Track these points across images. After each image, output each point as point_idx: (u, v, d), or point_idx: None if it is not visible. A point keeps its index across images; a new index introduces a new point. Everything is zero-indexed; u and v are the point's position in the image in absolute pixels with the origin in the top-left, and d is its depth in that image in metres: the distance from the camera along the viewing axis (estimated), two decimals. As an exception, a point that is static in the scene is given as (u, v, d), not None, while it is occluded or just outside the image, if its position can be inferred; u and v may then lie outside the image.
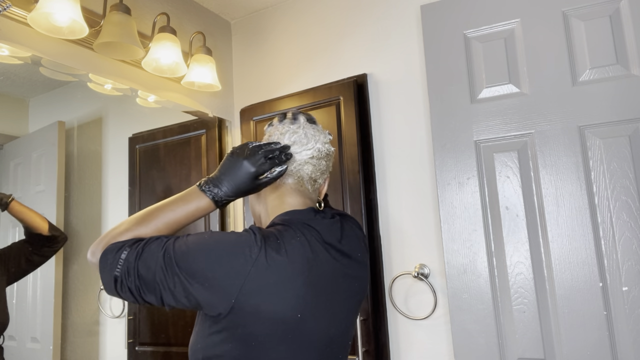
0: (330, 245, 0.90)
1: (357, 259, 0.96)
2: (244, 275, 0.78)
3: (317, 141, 0.98)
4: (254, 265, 0.78)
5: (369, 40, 1.80)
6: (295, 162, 0.95)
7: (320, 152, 0.98)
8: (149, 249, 0.80)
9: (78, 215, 1.56)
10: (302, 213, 0.94)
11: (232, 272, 0.78)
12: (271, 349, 0.81)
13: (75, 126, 1.59)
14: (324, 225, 0.92)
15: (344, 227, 0.96)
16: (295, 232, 0.87)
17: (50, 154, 1.51)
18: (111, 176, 1.70)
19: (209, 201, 0.89)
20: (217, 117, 2.02)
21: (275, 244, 0.82)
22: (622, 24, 1.27)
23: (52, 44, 1.43)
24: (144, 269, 0.79)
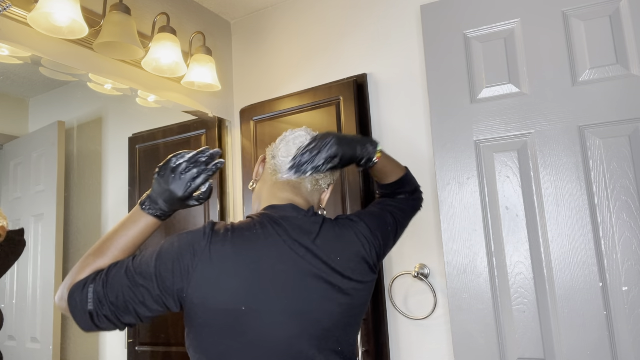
0: (297, 242, 0.89)
1: (341, 271, 0.92)
2: (192, 269, 0.82)
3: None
4: (200, 259, 0.83)
5: (369, 40, 1.79)
6: None
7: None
8: (112, 274, 0.83)
9: (78, 215, 1.56)
10: (280, 208, 0.95)
11: (179, 268, 0.82)
12: (220, 341, 0.84)
13: (75, 126, 1.59)
14: (297, 222, 0.92)
15: (324, 229, 0.95)
16: (254, 226, 0.88)
17: (50, 154, 1.51)
18: (111, 176, 1.70)
19: (153, 219, 0.91)
20: (217, 117, 2.02)
21: (222, 237, 0.85)
22: (622, 24, 1.27)
23: (52, 44, 1.43)
24: (113, 294, 0.81)
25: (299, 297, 0.88)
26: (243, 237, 0.86)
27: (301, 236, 0.91)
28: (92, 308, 0.81)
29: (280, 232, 0.89)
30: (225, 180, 2.02)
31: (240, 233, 0.87)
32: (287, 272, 0.87)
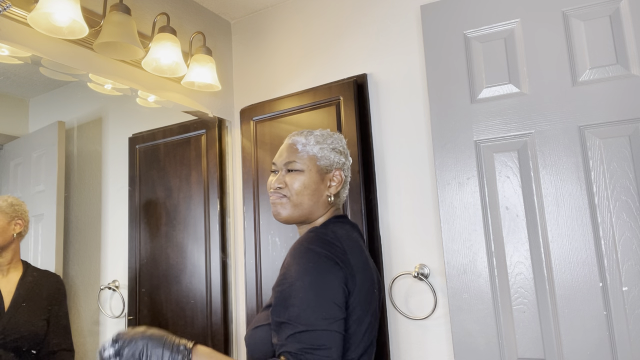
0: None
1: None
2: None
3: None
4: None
5: (369, 40, 1.79)
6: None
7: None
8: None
9: (78, 215, 1.56)
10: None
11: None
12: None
13: (75, 126, 1.59)
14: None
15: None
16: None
17: (50, 154, 1.51)
18: (111, 176, 1.70)
19: None
20: (217, 117, 2.02)
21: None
22: (622, 24, 1.27)
23: (52, 44, 1.43)
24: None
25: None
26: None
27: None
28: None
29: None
30: (225, 180, 2.02)
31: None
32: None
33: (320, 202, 1.09)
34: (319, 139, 1.11)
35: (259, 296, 1.84)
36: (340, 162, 1.12)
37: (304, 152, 1.10)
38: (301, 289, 0.88)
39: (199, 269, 1.90)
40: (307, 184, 1.08)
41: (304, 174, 1.08)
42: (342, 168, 1.12)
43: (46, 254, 1.46)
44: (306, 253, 0.93)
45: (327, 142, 1.11)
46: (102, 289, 1.62)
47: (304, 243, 0.96)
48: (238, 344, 1.93)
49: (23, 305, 1.32)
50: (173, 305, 1.84)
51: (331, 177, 1.10)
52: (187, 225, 1.92)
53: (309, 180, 1.08)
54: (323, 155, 1.10)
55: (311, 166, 1.09)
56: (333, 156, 1.11)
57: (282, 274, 0.93)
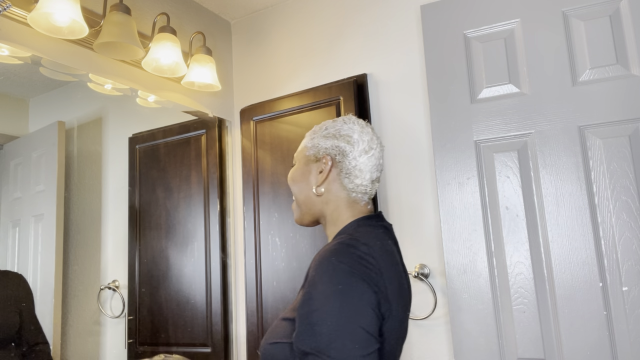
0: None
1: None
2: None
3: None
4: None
5: (369, 40, 1.79)
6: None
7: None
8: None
9: (78, 215, 1.56)
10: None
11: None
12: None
13: (75, 126, 1.59)
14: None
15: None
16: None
17: (50, 154, 1.51)
18: (111, 176, 1.70)
19: None
20: (217, 117, 2.02)
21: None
22: (622, 24, 1.27)
23: (52, 44, 1.43)
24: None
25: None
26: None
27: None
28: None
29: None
30: (225, 180, 2.02)
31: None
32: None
33: (317, 200, 0.95)
34: (315, 129, 0.99)
35: (259, 296, 1.84)
36: (332, 146, 0.94)
37: (302, 145, 1.00)
38: (329, 315, 0.74)
39: (199, 269, 1.90)
40: (294, 176, 0.98)
41: (295, 167, 0.99)
42: (332, 153, 0.94)
43: (46, 254, 1.46)
44: (335, 271, 0.78)
45: (321, 130, 0.97)
46: (102, 289, 1.62)
47: (331, 257, 0.80)
48: (238, 344, 1.93)
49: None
50: (173, 305, 1.84)
51: (319, 165, 0.95)
52: (187, 225, 1.92)
53: (296, 172, 0.98)
54: (313, 145, 0.96)
55: (301, 157, 0.98)
56: (322, 142, 0.95)
57: (307, 292, 0.79)
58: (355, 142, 0.94)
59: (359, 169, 0.94)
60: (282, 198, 1.84)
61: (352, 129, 0.96)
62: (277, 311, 1.79)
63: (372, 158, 0.95)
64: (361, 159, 0.94)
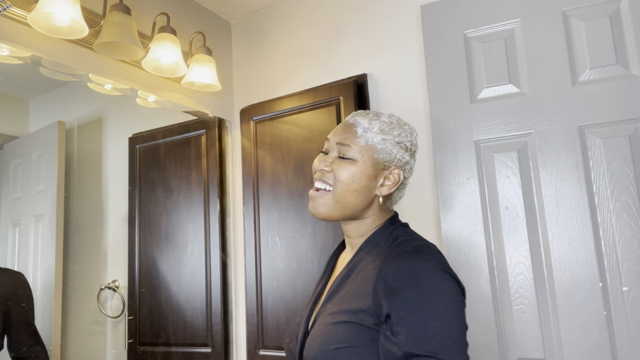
0: None
1: None
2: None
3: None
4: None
5: (369, 40, 1.79)
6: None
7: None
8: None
9: (78, 215, 1.56)
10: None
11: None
12: None
13: (75, 126, 1.59)
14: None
15: None
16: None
17: (50, 154, 1.51)
18: (111, 176, 1.70)
19: None
20: (217, 117, 2.02)
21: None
22: (622, 24, 1.27)
23: (52, 44, 1.43)
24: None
25: None
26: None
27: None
28: None
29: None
30: (225, 180, 2.02)
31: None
32: None
33: (367, 201, 0.92)
34: (384, 126, 0.93)
35: (259, 296, 1.84)
36: (403, 159, 0.93)
37: (363, 138, 0.91)
38: (436, 316, 0.75)
39: (199, 269, 1.90)
40: (356, 177, 0.90)
41: (356, 164, 0.90)
42: (404, 167, 0.93)
43: (46, 254, 1.46)
44: (430, 271, 0.78)
45: (392, 133, 0.93)
46: (102, 289, 1.62)
47: (420, 258, 0.80)
48: (238, 344, 1.93)
49: None
50: (173, 306, 1.84)
51: (387, 174, 0.92)
52: (187, 225, 1.92)
53: (360, 173, 0.90)
54: (384, 148, 0.91)
55: (367, 157, 0.91)
56: (396, 151, 0.92)
57: (403, 295, 0.76)
58: (415, 157, 0.97)
59: (407, 182, 0.97)
60: (282, 198, 1.84)
61: (416, 142, 0.98)
62: (277, 311, 1.79)
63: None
64: (411, 173, 0.97)
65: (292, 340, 0.96)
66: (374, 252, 0.88)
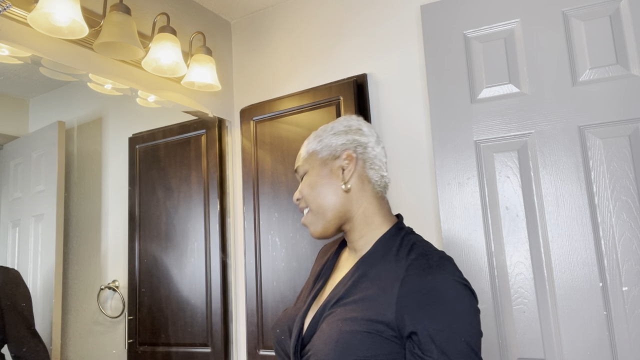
0: None
1: None
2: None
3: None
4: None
5: (369, 40, 1.79)
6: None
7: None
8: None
9: (78, 215, 1.56)
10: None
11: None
12: None
13: (75, 126, 1.59)
14: None
15: None
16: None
17: (50, 154, 1.51)
18: (111, 176, 1.70)
19: None
20: (217, 117, 2.02)
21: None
22: (622, 24, 1.27)
23: (52, 44, 1.43)
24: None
25: None
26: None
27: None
28: None
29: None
30: (225, 180, 2.02)
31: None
32: None
33: (342, 199, 0.91)
34: (319, 132, 0.97)
35: (259, 296, 1.84)
36: (348, 141, 0.93)
37: (305, 151, 0.97)
38: (467, 330, 0.77)
39: (199, 269, 1.90)
40: (314, 182, 0.92)
41: (309, 174, 0.94)
42: (352, 148, 0.93)
43: (46, 254, 1.46)
44: (456, 288, 0.79)
45: (325, 132, 0.96)
46: (102, 289, 1.62)
47: (445, 274, 0.80)
48: (238, 344, 1.93)
49: None
50: (173, 305, 1.84)
51: (340, 163, 0.92)
52: (187, 225, 1.92)
53: (315, 177, 0.93)
54: (323, 146, 0.94)
55: (313, 162, 0.94)
56: (335, 140, 0.93)
57: (432, 313, 0.77)
58: (368, 135, 0.95)
59: (379, 159, 0.95)
60: (282, 198, 1.84)
61: (359, 123, 0.97)
62: (277, 311, 1.79)
63: (384, 150, 0.97)
64: (377, 149, 0.95)
65: (284, 333, 0.94)
66: (390, 261, 0.86)
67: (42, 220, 1.47)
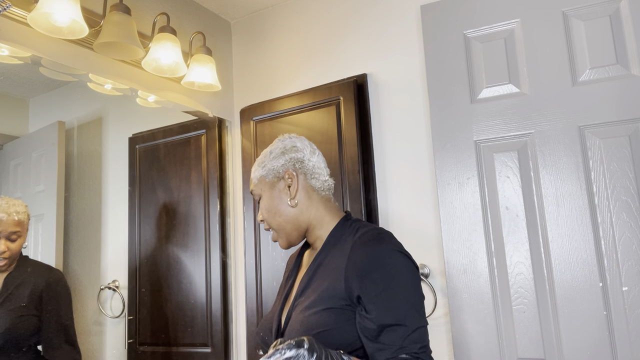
0: None
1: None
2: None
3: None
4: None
5: (369, 40, 1.79)
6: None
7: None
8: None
9: (78, 215, 1.56)
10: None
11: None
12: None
13: (75, 126, 1.59)
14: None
15: None
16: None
17: (50, 154, 1.51)
18: (111, 176, 1.70)
19: None
20: (217, 117, 2.02)
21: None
22: (622, 24, 1.27)
23: (52, 44, 1.43)
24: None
25: None
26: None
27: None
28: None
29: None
30: (225, 180, 2.02)
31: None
32: None
33: (297, 212, 1.03)
34: (260, 159, 1.07)
35: (259, 296, 1.84)
36: (286, 161, 1.04)
37: (255, 178, 1.07)
38: (401, 290, 0.88)
39: (199, 269, 1.90)
40: (268, 205, 1.05)
41: (263, 198, 1.06)
42: (290, 166, 1.04)
43: (46, 254, 1.46)
44: (391, 254, 0.91)
45: (266, 158, 1.06)
46: (102, 289, 1.62)
47: (381, 243, 0.92)
48: (238, 344, 1.93)
49: (5, 300, 1.31)
50: (173, 305, 1.84)
51: (284, 183, 1.04)
52: (187, 225, 1.92)
53: (269, 200, 1.04)
54: (267, 171, 1.05)
55: (263, 187, 1.05)
56: (275, 163, 1.04)
57: (371, 278, 0.88)
58: (301, 149, 1.06)
59: (318, 167, 1.06)
60: (282, 198, 1.84)
61: (292, 141, 1.07)
62: (277, 311, 1.79)
63: (320, 156, 1.07)
64: (314, 159, 1.06)
65: (267, 334, 1.05)
66: (340, 247, 0.97)
67: (42, 220, 1.47)
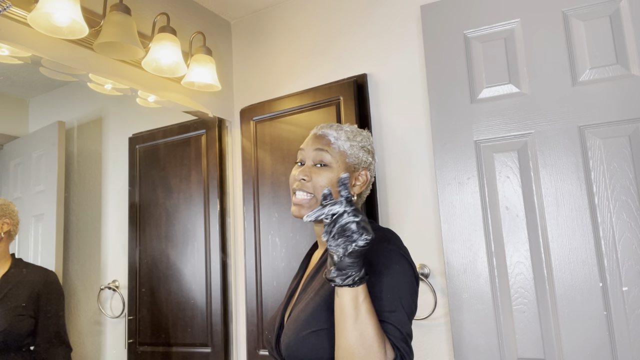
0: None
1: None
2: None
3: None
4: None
5: (369, 40, 1.79)
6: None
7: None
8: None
9: (78, 215, 1.56)
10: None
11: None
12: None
13: (75, 126, 1.59)
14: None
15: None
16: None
17: (50, 154, 1.51)
18: (111, 176, 1.70)
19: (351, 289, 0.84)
20: (217, 117, 2.02)
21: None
22: (622, 24, 1.27)
23: (52, 44, 1.43)
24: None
25: None
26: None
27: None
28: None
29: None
30: (225, 180, 2.02)
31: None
32: None
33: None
34: (349, 134, 1.05)
35: (259, 296, 1.84)
36: (368, 161, 1.06)
37: (335, 145, 1.03)
38: (392, 287, 0.90)
39: (199, 269, 1.90)
40: (333, 182, 1.01)
41: (331, 170, 1.01)
42: (369, 168, 1.06)
43: (46, 254, 1.46)
44: (390, 253, 0.93)
45: (357, 140, 1.05)
46: (102, 289, 1.62)
47: (384, 243, 0.94)
48: (238, 344, 1.93)
49: (1, 300, 1.32)
50: (173, 305, 1.84)
51: (357, 176, 1.04)
52: (187, 225, 1.92)
53: (336, 177, 1.01)
54: (352, 153, 1.03)
55: (340, 162, 1.02)
56: (362, 155, 1.05)
57: (371, 280, 0.88)
58: (375, 160, 1.10)
59: (372, 183, 1.09)
60: (282, 198, 1.84)
61: (373, 146, 1.10)
62: (277, 311, 1.79)
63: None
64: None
65: (270, 332, 1.04)
66: None
67: (42, 220, 1.47)
